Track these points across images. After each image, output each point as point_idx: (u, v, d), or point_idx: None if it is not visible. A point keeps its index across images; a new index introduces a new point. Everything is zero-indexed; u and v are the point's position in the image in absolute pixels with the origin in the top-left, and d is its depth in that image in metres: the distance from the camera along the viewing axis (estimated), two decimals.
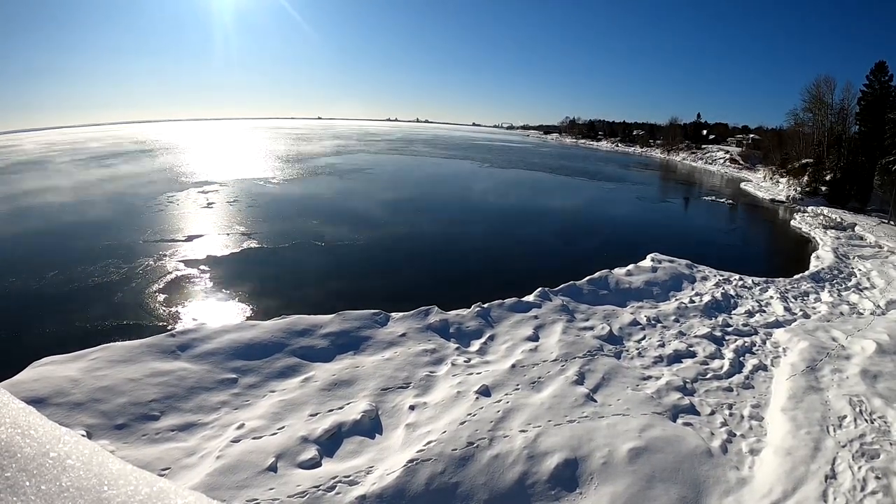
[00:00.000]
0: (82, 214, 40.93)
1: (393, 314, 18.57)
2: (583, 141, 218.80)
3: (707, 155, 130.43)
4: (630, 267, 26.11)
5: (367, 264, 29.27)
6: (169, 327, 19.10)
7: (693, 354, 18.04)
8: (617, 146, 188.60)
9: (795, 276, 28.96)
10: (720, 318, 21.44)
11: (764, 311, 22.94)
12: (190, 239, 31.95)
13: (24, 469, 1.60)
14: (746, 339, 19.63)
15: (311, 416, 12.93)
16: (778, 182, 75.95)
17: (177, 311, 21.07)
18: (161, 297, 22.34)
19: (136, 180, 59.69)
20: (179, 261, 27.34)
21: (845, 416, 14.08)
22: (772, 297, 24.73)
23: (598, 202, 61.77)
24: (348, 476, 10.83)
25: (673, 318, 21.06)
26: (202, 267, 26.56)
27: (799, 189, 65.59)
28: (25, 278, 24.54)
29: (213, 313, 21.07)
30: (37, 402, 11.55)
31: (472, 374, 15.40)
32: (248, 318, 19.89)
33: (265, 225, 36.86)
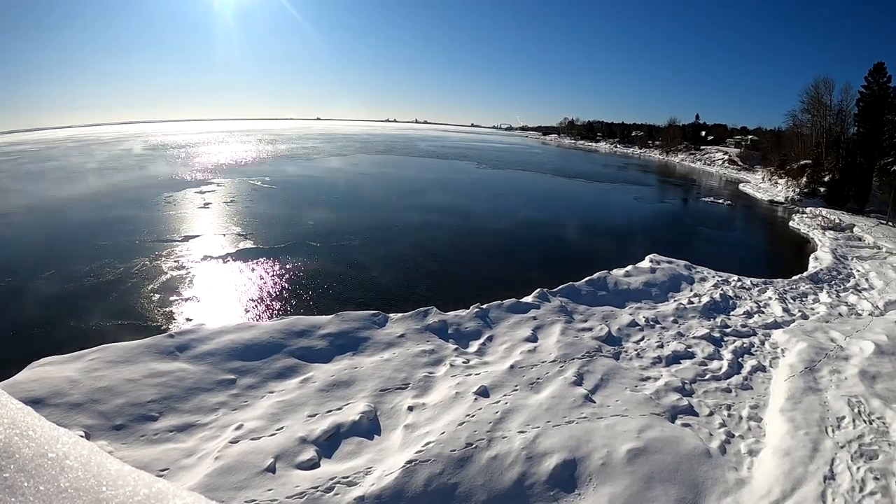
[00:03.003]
0: (69, 215, 40.93)
1: (391, 315, 18.57)
2: (581, 142, 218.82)
3: (706, 156, 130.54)
4: (629, 268, 26.11)
5: (365, 265, 29.21)
6: (167, 328, 19.11)
7: (692, 355, 18.05)
8: (616, 147, 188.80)
9: (794, 277, 28.96)
10: (719, 319, 21.45)
11: (762, 312, 22.95)
12: (188, 239, 31.97)
13: (23, 469, 1.60)
14: (745, 339, 19.65)
15: (310, 416, 12.92)
16: (776, 183, 76.04)
17: (175, 312, 21.04)
18: (159, 298, 22.33)
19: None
20: (178, 261, 27.34)
21: (844, 417, 14.09)
22: (770, 298, 24.74)
23: (596, 203, 61.94)
24: (347, 477, 10.82)
25: (671, 318, 21.07)
26: (200, 267, 26.58)
27: (797, 190, 65.68)
28: (22, 278, 24.52)
29: (212, 314, 21.03)
30: (35, 402, 11.54)
31: (470, 374, 15.40)
32: (247, 319, 19.90)
33: (262, 225, 36.88)
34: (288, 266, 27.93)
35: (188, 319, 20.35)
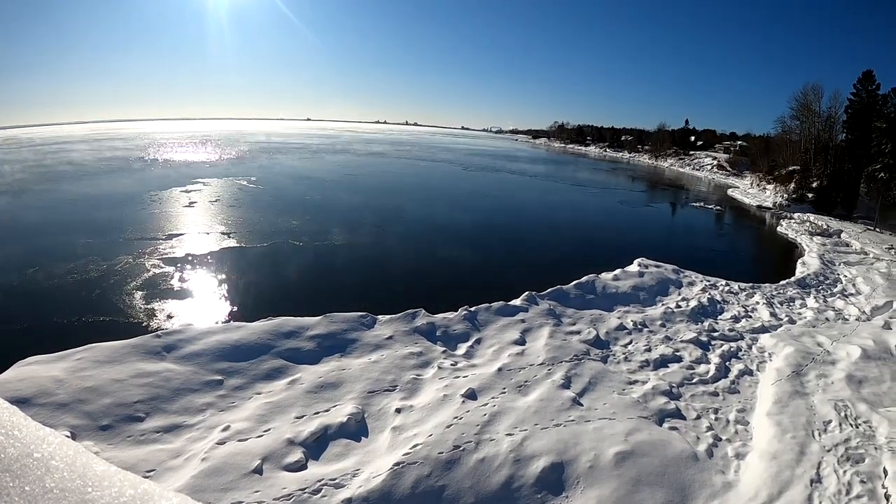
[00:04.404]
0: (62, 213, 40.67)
1: (380, 317, 18.53)
2: (571, 146, 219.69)
3: (695, 161, 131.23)
4: (617, 271, 26.17)
5: (353, 266, 29.22)
6: (155, 328, 19.00)
7: (679, 359, 18.11)
8: (605, 151, 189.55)
9: (781, 282, 29.13)
10: (706, 323, 21.54)
11: (750, 317, 23.06)
12: (173, 238, 31.78)
13: (8, 470, 1.59)
14: (732, 344, 19.74)
15: (297, 418, 12.88)
16: (765, 189, 76.46)
17: (162, 312, 20.93)
18: (147, 297, 22.20)
19: None
20: (164, 260, 27.18)
21: (830, 421, 14.18)
22: (758, 303, 24.87)
23: (585, 207, 62.05)
24: (334, 479, 10.80)
25: (659, 322, 21.14)
26: (187, 267, 26.43)
27: (786, 196, 66.10)
28: (5, 276, 24.33)
29: (200, 314, 20.97)
30: (21, 402, 11.44)
31: (458, 377, 15.40)
32: (235, 320, 19.81)
33: (249, 224, 36.80)
34: (276, 266, 27.90)
35: (174, 318, 20.26)
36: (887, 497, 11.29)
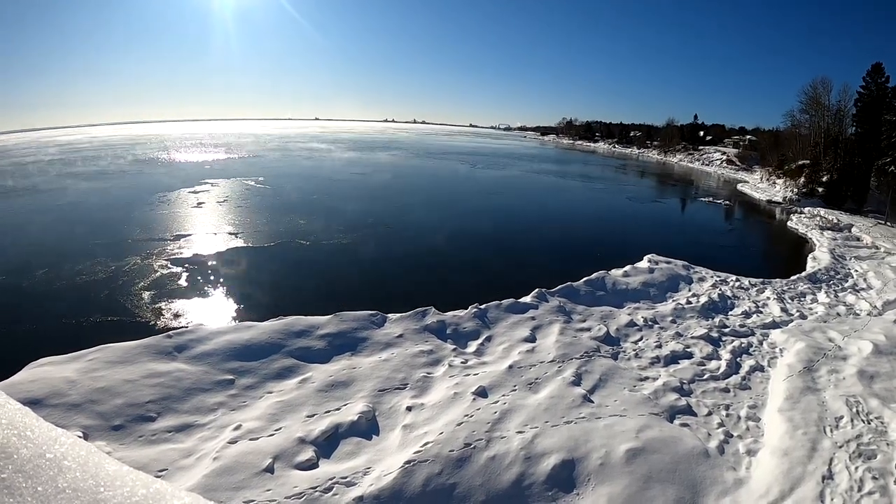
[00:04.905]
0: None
1: (390, 315, 18.54)
2: (580, 142, 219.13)
3: (704, 156, 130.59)
4: (627, 268, 26.09)
5: (363, 265, 29.22)
6: (166, 328, 19.07)
7: (690, 355, 18.04)
8: (614, 147, 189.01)
9: (792, 277, 28.94)
10: (717, 319, 21.44)
11: (761, 312, 22.94)
12: (183, 238, 31.90)
13: (21, 470, 1.60)
14: (743, 339, 19.64)
15: (309, 417, 12.91)
16: (775, 183, 75.98)
17: (173, 312, 21.01)
18: (158, 298, 22.28)
19: None
20: (175, 261, 27.28)
21: (842, 417, 14.09)
22: (769, 298, 24.74)
23: (594, 203, 61.89)
24: (345, 477, 10.81)
25: (670, 318, 21.06)
26: (199, 268, 26.52)
27: (796, 190, 65.64)
28: (18, 277, 24.48)
29: (210, 314, 21.05)
30: (33, 403, 11.52)
31: (469, 375, 15.39)
32: (245, 319, 19.86)
33: (258, 224, 36.89)
34: (286, 266, 27.95)
35: (185, 319, 20.33)
36: None
